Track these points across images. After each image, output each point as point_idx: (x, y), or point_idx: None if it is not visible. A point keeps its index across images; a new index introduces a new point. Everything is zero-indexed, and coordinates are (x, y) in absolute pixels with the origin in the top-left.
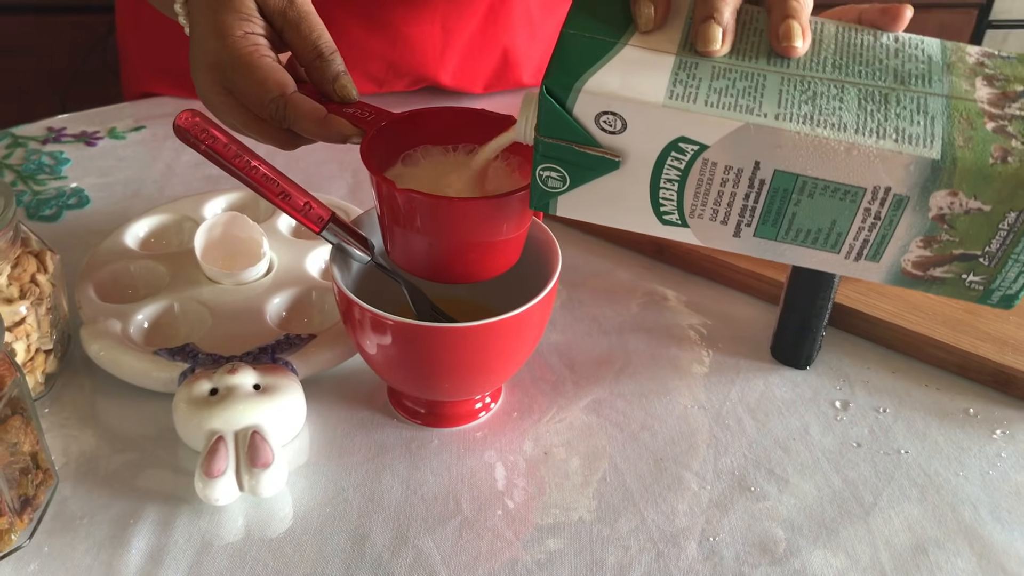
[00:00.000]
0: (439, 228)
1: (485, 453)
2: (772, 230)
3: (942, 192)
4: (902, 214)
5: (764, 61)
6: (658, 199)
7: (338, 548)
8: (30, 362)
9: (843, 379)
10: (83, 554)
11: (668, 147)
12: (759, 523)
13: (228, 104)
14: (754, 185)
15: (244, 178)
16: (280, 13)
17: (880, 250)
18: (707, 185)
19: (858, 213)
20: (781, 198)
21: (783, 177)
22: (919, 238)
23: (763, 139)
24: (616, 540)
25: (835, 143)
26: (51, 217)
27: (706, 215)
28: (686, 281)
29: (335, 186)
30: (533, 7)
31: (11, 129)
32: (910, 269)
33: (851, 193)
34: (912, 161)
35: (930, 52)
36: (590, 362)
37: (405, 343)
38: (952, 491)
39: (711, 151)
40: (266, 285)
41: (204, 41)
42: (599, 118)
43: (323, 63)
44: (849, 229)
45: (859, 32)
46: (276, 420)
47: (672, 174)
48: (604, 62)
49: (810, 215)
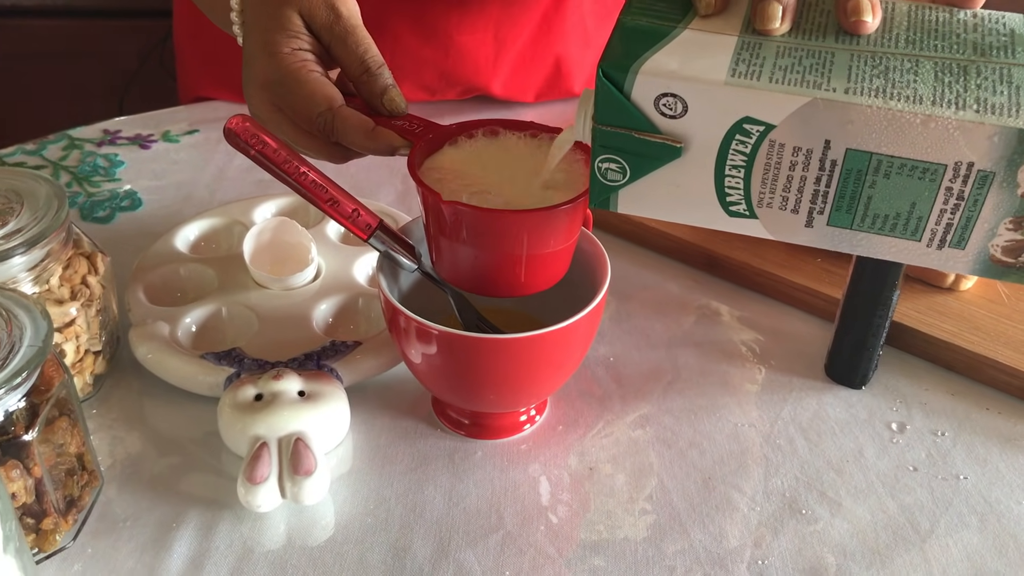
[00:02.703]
0: (486, 240)
1: (529, 467)
2: (847, 217)
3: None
4: (988, 192)
5: (832, 39)
6: (724, 188)
7: (379, 559)
8: (79, 363)
9: (900, 400)
10: (126, 556)
11: (732, 129)
12: (809, 547)
13: (278, 120)
14: (825, 167)
15: (293, 183)
16: (327, 28)
17: (965, 235)
18: (775, 170)
19: (939, 193)
20: (855, 180)
21: (856, 156)
22: (1009, 219)
23: (833, 115)
24: (662, 561)
25: (910, 116)
26: (104, 219)
27: (775, 203)
28: (739, 295)
29: (384, 192)
30: (588, 16)
31: (68, 131)
32: (1000, 256)
33: (931, 171)
34: (996, 132)
35: (1012, 26)
36: (638, 376)
37: (450, 353)
38: (1014, 520)
39: (778, 131)
40: (313, 291)
41: (254, 59)
42: (659, 101)
43: (370, 77)
44: (930, 212)
45: (933, 9)
46: (320, 427)
47: (737, 159)
48: (662, 45)
49: (887, 198)
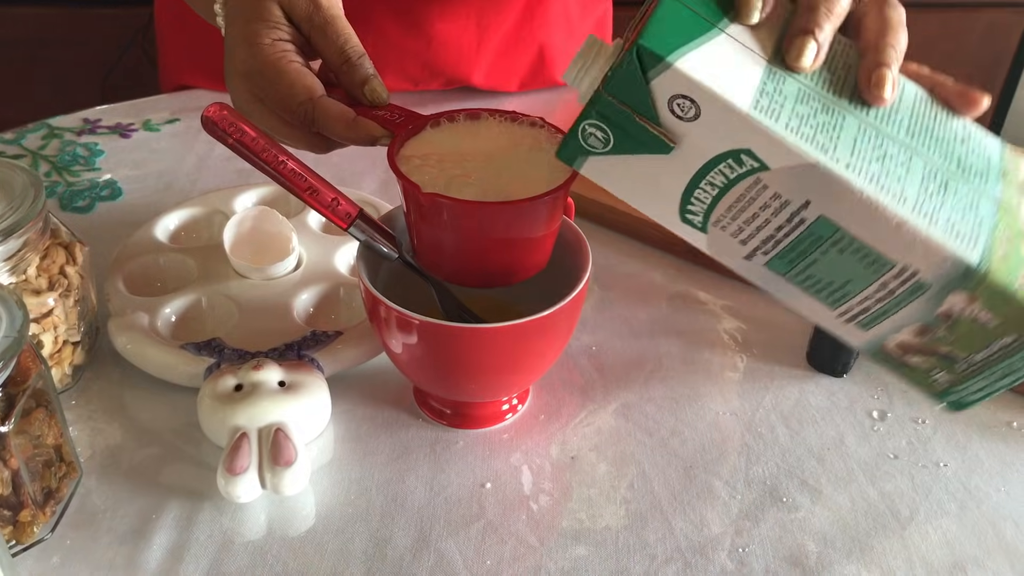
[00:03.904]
0: (467, 231)
1: (511, 456)
2: (786, 267)
3: (962, 294)
4: (915, 299)
5: (847, 99)
6: (690, 197)
7: (359, 549)
8: (57, 354)
9: (881, 388)
10: (105, 548)
11: (729, 153)
12: (790, 535)
13: (260, 111)
14: (792, 221)
15: (272, 172)
16: (307, 19)
17: (874, 323)
18: (746, 204)
19: (875, 283)
20: (812, 242)
21: (825, 224)
22: (917, 325)
23: (826, 183)
24: (643, 549)
25: (891, 214)
26: (84, 208)
27: (729, 229)
28: (720, 284)
29: (365, 182)
30: (571, 4)
31: (48, 120)
32: (892, 348)
33: (880, 262)
34: (952, 258)
35: (990, 153)
36: (620, 365)
37: (431, 343)
38: (993, 507)
39: (769, 174)
40: (294, 281)
41: (235, 50)
42: (674, 99)
43: (351, 68)
44: (858, 294)
45: (935, 105)
46: (300, 418)
47: (718, 180)
48: (699, 44)
49: (829, 268)
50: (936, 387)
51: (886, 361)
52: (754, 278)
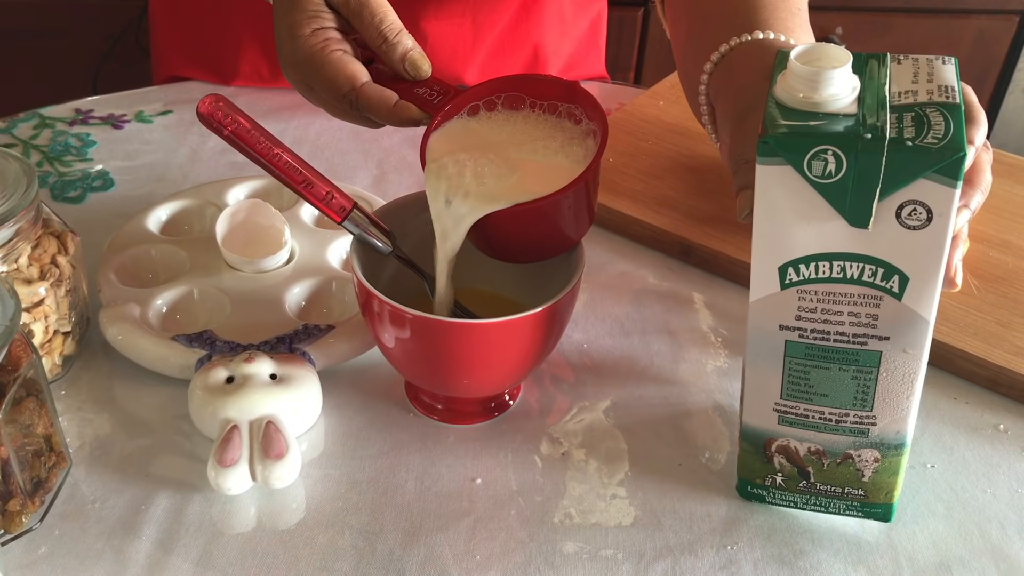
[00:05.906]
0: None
1: (501, 452)
2: (800, 353)
3: (875, 452)
4: (848, 436)
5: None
6: (811, 264)
7: (349, 543)
8: (48, 344)
9: None
10: (94, 538)
11: (878, 260)
12: (779, 533)
13: (315, 98)
14: (858, 339)
15: (266, 165)
16: (344, 4)
17: (798, 428)
18: (843, 302)
19: (842, 410)
20: (847, 358)
21: (874, 356)
22: (819, 448)
23: (920, 336)
24: (632, 545)
25: (918, 385)
26: (76, 199)
27: (803, 303)
28: (712, 284)
29: (360, 176)
30: (566, 4)
31: (39, 110)
32: (777, 444)
33: (869, 403)
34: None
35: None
36: (612, 362)
37: (423, 338)
38: (979, 508)
39: (894, 303)
40: (286, 274)
41: (282, 42)
42: (906, 206)
43: (389, 46)
44: (817, 406)
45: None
46: (291, 411)
47: (847, 273)
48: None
49: (830, 379)
50: (757, 481)
51: (752, 446)
52: (755, 340)
